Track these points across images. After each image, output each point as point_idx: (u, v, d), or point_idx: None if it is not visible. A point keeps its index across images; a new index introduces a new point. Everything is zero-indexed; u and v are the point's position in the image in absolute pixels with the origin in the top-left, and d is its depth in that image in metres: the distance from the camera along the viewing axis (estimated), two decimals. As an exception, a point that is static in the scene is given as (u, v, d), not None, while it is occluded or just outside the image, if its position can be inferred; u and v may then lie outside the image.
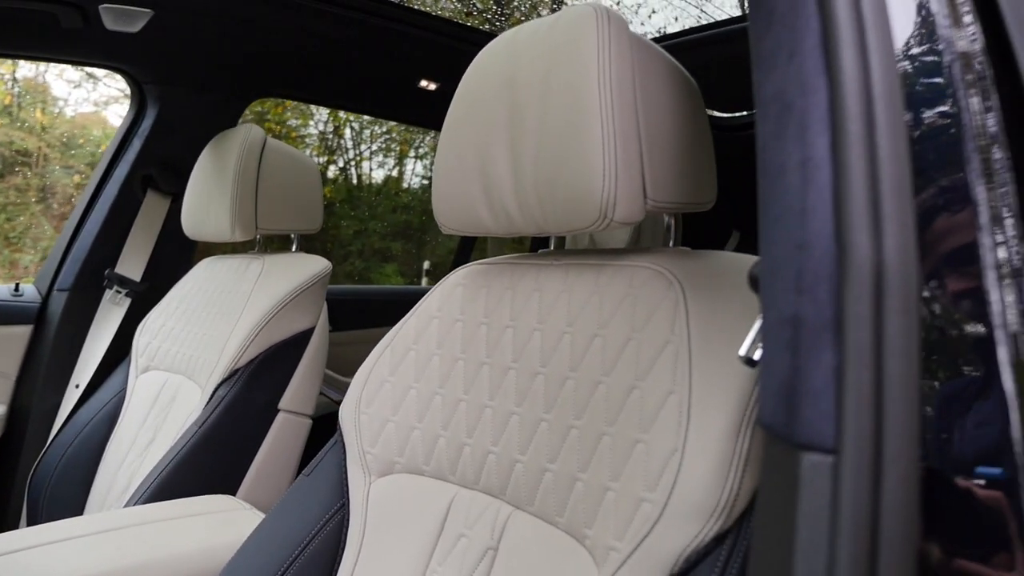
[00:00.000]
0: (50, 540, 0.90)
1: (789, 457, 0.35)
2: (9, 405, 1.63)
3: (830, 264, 0.35)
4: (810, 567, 0.32)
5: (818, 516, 0.32)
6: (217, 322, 1.34)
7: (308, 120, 7.78)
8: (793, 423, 0.35)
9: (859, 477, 0.32)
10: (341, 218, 7.60)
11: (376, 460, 0.83)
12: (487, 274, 0.83)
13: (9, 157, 6.68)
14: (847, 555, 0.31)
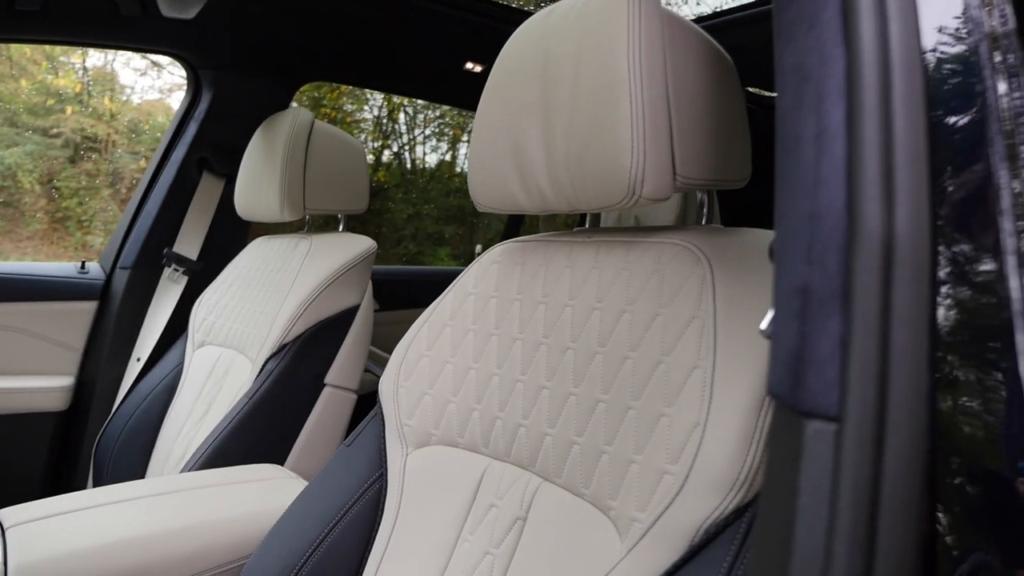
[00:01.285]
0: (112, 500, 0.96)
1: (794, 425, 0.35)
2: (77, 377, 1.72)
3: (840, 234, 0.35)
4: (809, 532, 0.33)
5: (819, 483, 0.33)
6: (267, 299, 1.39)
7: (363, 105, 7.88)
8: (798, 391, 0.35)
9: (861, 446, 0.32)
10: (395, 202, 7.69)
11: (413, 432, 0.85)
12: (522, 251, 0.85)
13: (80, 143, 6.94)
14: (846, 522, 0.32)
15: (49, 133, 6.82)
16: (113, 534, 0.86)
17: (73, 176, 6.83)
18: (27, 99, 6.96)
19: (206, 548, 0.88)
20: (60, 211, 6.72)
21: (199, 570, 0.87)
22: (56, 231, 6.54)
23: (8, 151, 6.48)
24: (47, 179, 6.74)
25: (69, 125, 6.88)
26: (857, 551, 0.31)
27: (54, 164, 6.82)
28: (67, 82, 7.39)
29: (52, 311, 1.70)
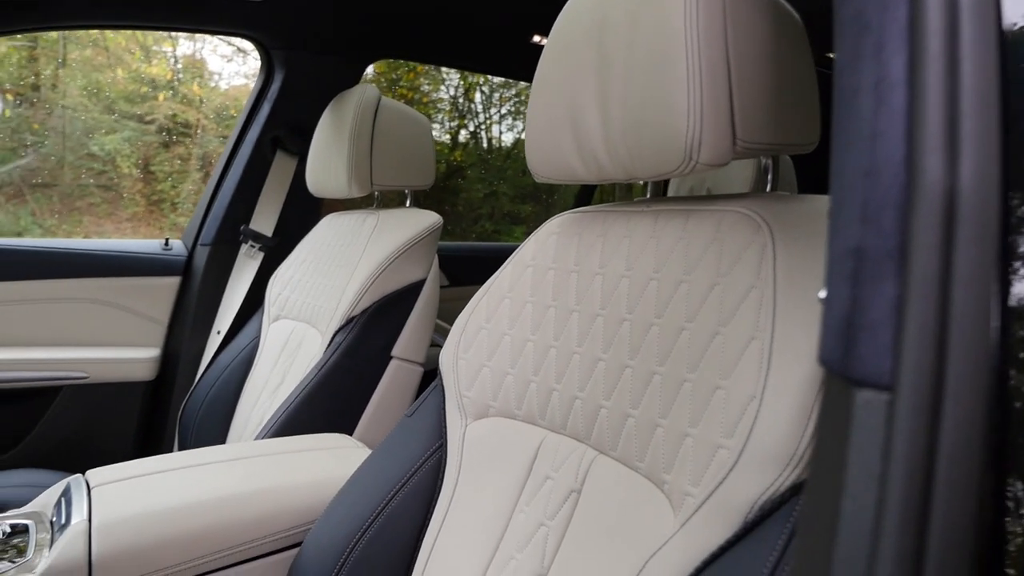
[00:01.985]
0: (189, 464, 1.00)
1: (844, 394, 0.33)
2: (163, 349, 1.81)
3: (898, 190, 0.33)
4: (857, 508, 0.31)
5: (869, 456, 0.31)
6: (336, 273, 1.42)
7: (439, 85, 7.92)
8: (849, 358, 0.33)
9: (915, 416, 0.30)
10: (471, 182, 7.73)
11: (472, 403, 0.86)
12: (580, 223, 0.83)
13: (173, 129, 7.25)
14: (897, 498, 0.30)
15: (144, 119, 7.14)
16: (188, 496, 0.90)
17: (166, 160, 7.14)
18: (123, 87, 7.30)
19: (274, 512, 0.91)
20: (155, 194, 7.04)
21: (267, 533, 0.89)
22: (152, 213, 6.86)
23: (108, 138, 6.83)
24: (143, 163, 7.07)
25: (162, 111, 7.18)
26: (908, 529, 0.29)
27: (149, 149, 7.15)
28: (159, 70, 7.70)
29: (140, 286, 1.79)
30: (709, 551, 0.54)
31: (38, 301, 1.68)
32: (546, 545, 0.69)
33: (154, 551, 0.83)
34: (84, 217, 6.82)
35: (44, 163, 6.84)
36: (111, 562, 0.80)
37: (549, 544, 0.69)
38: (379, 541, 0.83)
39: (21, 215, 6.39)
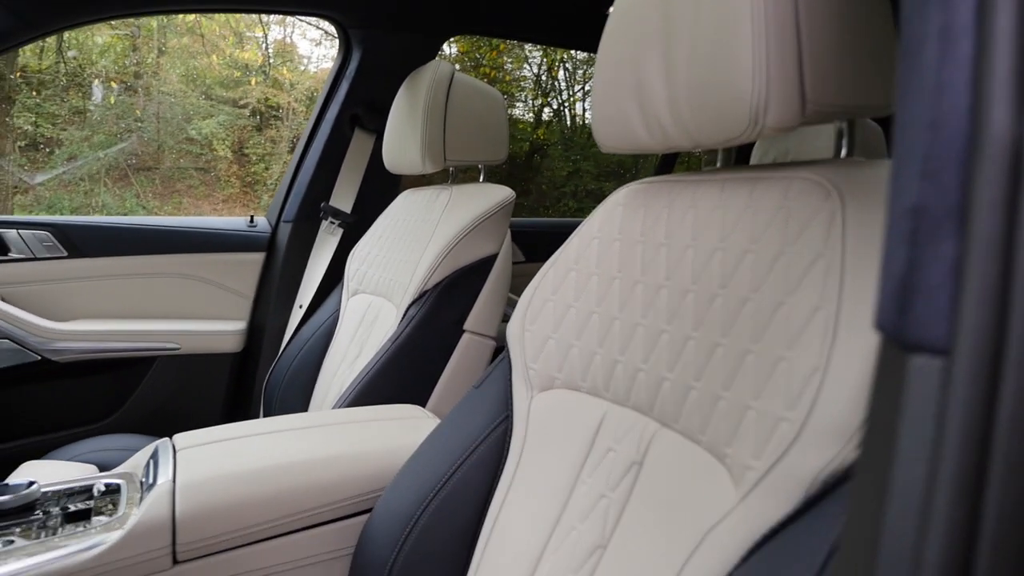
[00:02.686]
0: (268, 431, 1.04)
1: (898, 361, 0.31)
2: (248, 322, 1.89)
3: (961, 144, 0.31)
4: (907, 481, 0.29)
5: (921, 425, 0.29)
6: (411, 248, 1.44)
7: (522, 63, 7.91)
8: (904, 323, 0.31)
9: (972, 383, 0.28)
10: (555, 160, 7.71)
11: (538, 375, 0.86)
12: (646, 193, 0.82)
13: (265, 112, 7.52)
14: (951, 469, 0.28)
15: (238, 104, 7.43)
16: (266, 460, 0.94)
17: (259, 143, 7.42)
18: (218, 73, 7.60)
19: (346, 478, 0.94)
20: (249, 175, 7.34)
21: (339, 498, 0.93)
22: (246, 194, 7.16)
23: (204, 122, 7.14)
24: (238, 146, 7.37)
25: (254, 96, 7.45)
26: (961, 503, 0.28)
27: (243, 132, 7.43)
28: (251, 55, 7.97)
29: (227, 262, 1.87)
30: (769, 526, 0.52)
31: (135, 275, 1.78)
32: (607, 516, 0.69)
33: (233, 511, 0.87)
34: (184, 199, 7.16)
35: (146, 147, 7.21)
36: (193, 520, 0.85)
37: (610, 515, 0.69)
38: (445, 509, 0.84)
39: (127, 197, 6.75)
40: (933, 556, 0.28)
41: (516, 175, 8.00)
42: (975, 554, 0.28)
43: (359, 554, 0.89)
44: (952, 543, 0.28)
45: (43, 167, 6.39)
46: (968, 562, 0.28)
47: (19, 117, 6.35)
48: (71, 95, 6.84)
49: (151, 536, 0.83)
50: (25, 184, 6.23)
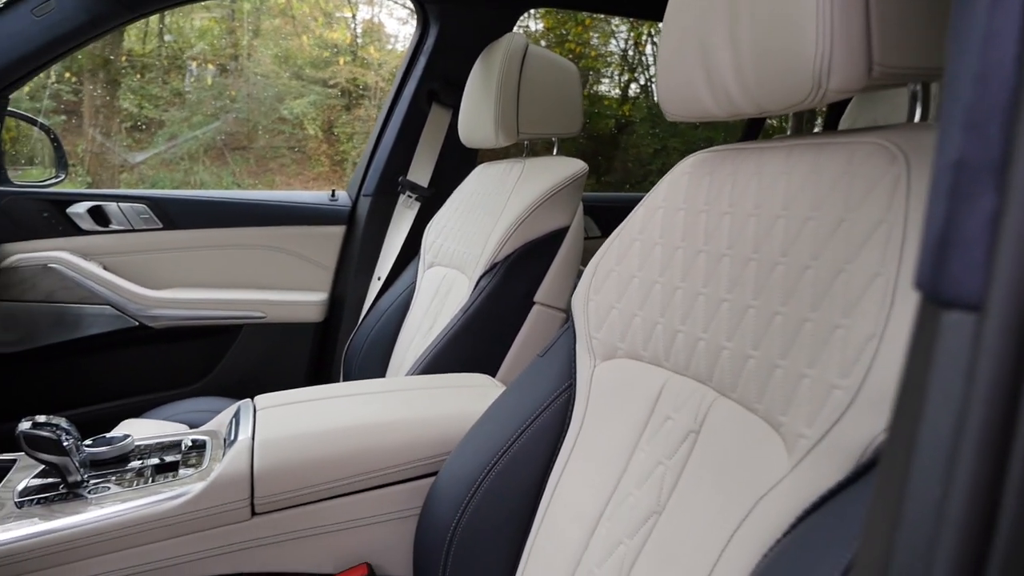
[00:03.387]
0: (344, 394, 1.09)
1: (932, 318, 0.31)
2: (330, 293, 1.96)
3: (1006, 94, 0.30)
4: (934, 434, 0.29)
5: (951, 380, 0.29)
6: (483, 221, 1.46)
7: (609, 39, 7.79)
8: (939, 279, 0.30)
9: (1003, 337, 0.28)
10: (641, 137, 7.59)
11: (601, 345, 0.86)
12: (712, 161, 0.80)
13: (353, 92, 7.69)
14: (977, 422, 0.28)
15: (327, 84, 7.62)
16: (339, 421, 0.98)
17: (348, 122, 7.60)
18: (308, 53, 7.81)
19: (414, 441, 0.97)
20: (338, 154, 7.54)
21: (406, 460, 0.96)
22: (335, 172, 7.36)
23: (296, 102, 7.36)
24: (327, 125, 7.57)
25: (343, 75, 7.63)
26: (986, 454, 0.27)
27: (332, 112, 7.63)
28: (339, 35, 8.15)
29: (310, 234, 1.94)
30: (819, 493, 0.52)
31: (224, 247, 1.88)
32: (663, 483, 0.70)
33: (307, 468, 0.92)
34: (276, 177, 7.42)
35: (241, 127, 7.49)
36: (269, 475, 0.90)
37: (666, 482, 0.69)
38: (507, 473, 0.86)
39: (223, 175, 7.05)
40: (956, 510, 0.28)
41: (601, 152, 7.91)
42: (999, 508, 0.27)
43: (425, 515, 0.92)
44: (976, 497, 0.27)
45: (147, 147, 6.73)
46: (991, 516, 0.27)
47: (124, 99, 6.70)
48: (172, 77, 7.18)
49: (231, 488, 0.88)
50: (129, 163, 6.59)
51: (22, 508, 0.87)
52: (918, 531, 0.29)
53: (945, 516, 0.28)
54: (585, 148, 7.61)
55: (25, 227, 1.72)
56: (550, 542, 0.80)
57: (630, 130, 7.80)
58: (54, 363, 1.76)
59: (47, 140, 1.93)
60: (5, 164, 1.74)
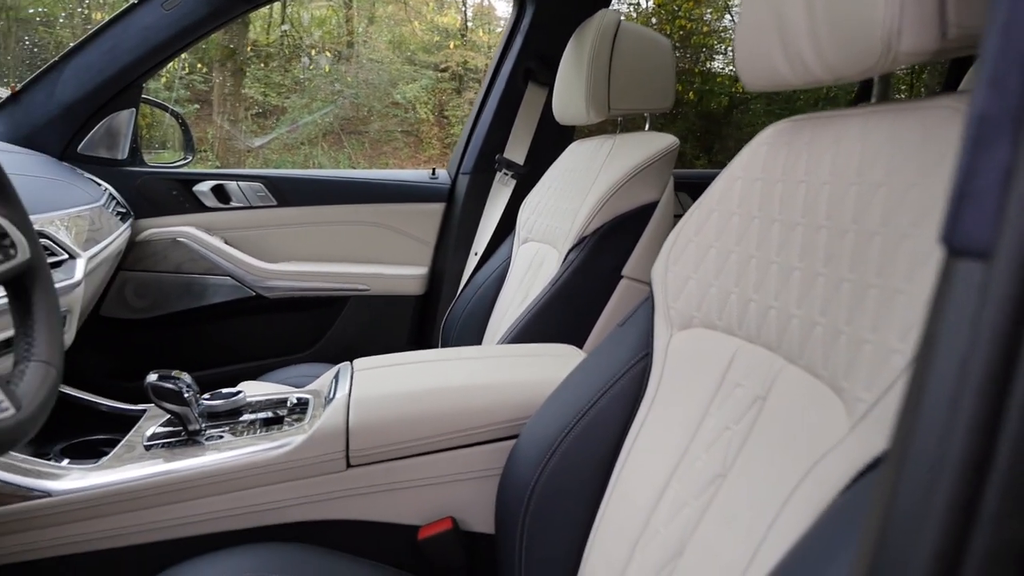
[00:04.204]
0: (437, 359, 1.16)
1: (947, 268, 0.31)
2: (430, 267, 2.04)
3: None
4: (940, 378, 0.30)
5: (958, 326, 0.30)
6: (573, 196, 1.48)
7: (723, 14, 7.55)
8: (955, 230, 0.31)
9: (1009, 284, 0.28)
10: (757, 114, 7.35)
11: (678, 314, 0.88)
12: (791, 131, 0.80)
13: (463, 75, 7.82)
14: (979, 365, 0.29)
15: (439, 68, 7.78)
16: (429, 383, 1.04)
17: (458, 105, 7.75)
18: (420, 38, 7.99)
19: (498, 404, 1.01)
20: (448, 137, 7.70)
21: (490, 422, 1.00)
22: (445, 155, 7.53)
23: (408, 86, 7.56)
24: (438, 109, 7.75)
25: (454, 59, 7.77)
26: (987, 394, 0.28)
27: (443, 95, 7.80)
28: (450, 20, 8.29)
29: (411, 211, 2.02)
30: (873, 455, 0.52)
31: (332, 223, 1.99)
32: (729, 447, 0.71)
33: (398, 425, 0.98)
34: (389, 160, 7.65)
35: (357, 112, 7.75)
36: (363, 430, 0.97)
37: (732, 446, 0.70)
38: (584, 437, 0.89)
39: (340, 159, 7.34)
40: (955, 453, 0.29)
41: (712, 130, 7.70)
42: (995, 449, 0.28)
43: (506, 474, 0.96)
44: (977, 429, 0.28)
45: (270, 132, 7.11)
46: (989, 456, 0.28)
47: (250, 87, 7.09)
48: (292, 65, 7.52)
49: (329, 441, 0.96)
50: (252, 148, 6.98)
51: (149, 451, 0.97)
52: (921, 466, 0.30)
53: (946, 458, 0.29)
54: (696, 126, 7.44)
55: (157, 204, 1.89)
56: (622, 503, 0.83)
57: (744, 107, 7.55)
58: (180, 328, 1.93)
59: (177, 125, 2.09)
60: (141, 148, 1.91)
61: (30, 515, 0.88)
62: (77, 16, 6.66)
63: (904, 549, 0.29)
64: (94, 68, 1.69)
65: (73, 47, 1.69)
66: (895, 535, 0.30)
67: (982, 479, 0.28)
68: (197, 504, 0.93)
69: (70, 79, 1.69)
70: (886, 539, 0.30)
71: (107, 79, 1.70)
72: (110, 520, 0.91)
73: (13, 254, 0.72)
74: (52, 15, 6.62)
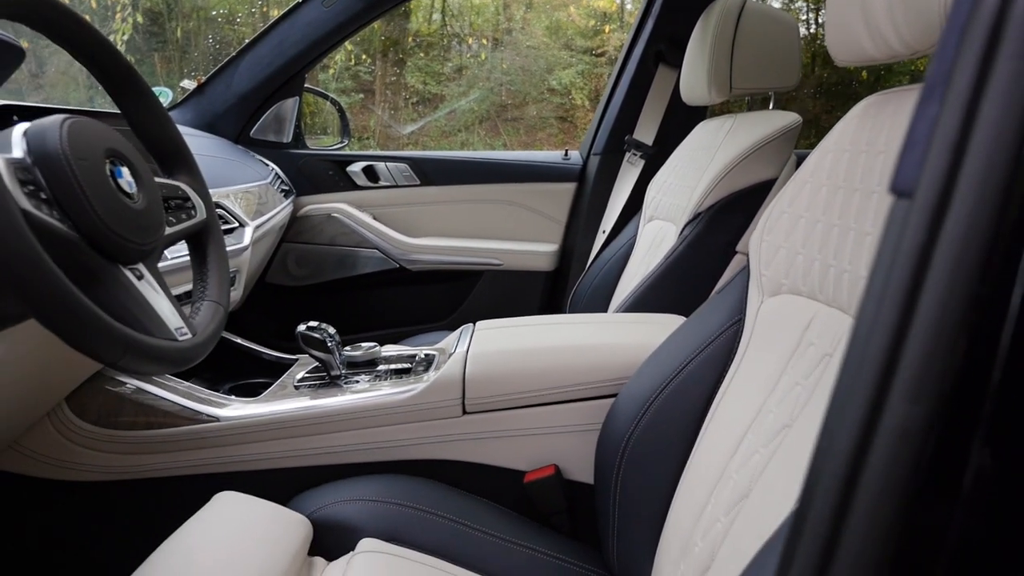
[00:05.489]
0: (551, 323, 1.26)
1: (890, 207, 0.37)
2: (560, 245, 2.13)
3: (964, 16, 0.35)
4: (869, 302, 0.36)
5: (887, 254, 0.35)
6: (692, 173, 1.52)
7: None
8: (896, 174, 0.37)
9: (922, 214, 0.34)
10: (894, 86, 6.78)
11: (769, 281, 0.92)
12: (879, 103, 0.82)
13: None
14: (895, 285, 0.34)
15: (594, 52, 7.81)
16: (539, 342, 1.14)
17: (612, 89, 7.74)
18: (577, 24, 8.05)
19: (600, 364, 1.10)
20: (603, 123, 7.72)
21: (593, 380, 1.09)
22: (599, 141, 7.56)
23: (564, 72, 7.65)
24: (594, 95, 7.78)
25: (611, 43, 7.76)
26: (898, 309, 0.34)
27: (599, 80, 7.82)
28: (607, 3, 8.28)
29: (544, 191, 2.13)
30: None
31: (470, 201, 2.13)
32: (797, 401, 0.75)
33: (508, 378, 1.09)
34: (544, 147, 7.79)
35: (513, 99, 7.94)
36: (477, 381, 1.08)
37: (800, 400, 0.75)
38: (676, 395, 0.96)
39: (495, 144, 7.56)
40: (875, 350, 0.35)
41: (842, 110, 7.16)
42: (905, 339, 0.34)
43: (604, 428, 1.05)
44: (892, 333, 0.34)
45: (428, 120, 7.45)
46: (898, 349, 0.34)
47: (411, 76, 7.46)
48: (452, 54, 7.82)
49: (447, 389, 1.08)
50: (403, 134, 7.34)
51: (298, 390, 1.14)
52: (855, 354, 0.36)
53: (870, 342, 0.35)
54: (833, 106, 7.01)
55: (315, 183, 2.11)
56: (707, 454, 0.89)
57: (884, 85, 7.02)
58: (333, 296, 2.15)
59: (336, 112, 2.32)
60: (303, 133, 2.14)
61: (200, 435, 1.06)
62: (258, 12, 7.30)
63: (836, 423, 0.35)
64: (264, 61, 1.92)
65: (247, 43, 1.94)
66: (831, 413, 0.36)
67: (893, 367, 0.34)
68: (333, 437, 1.08)
69: (245, 72, 1.93)
70: (827, 416, 0.36)
71: (275, 71, 1.93)
72: (263, 445, 1.08)
73: (194, 215, 0.89)
74: (234, 13, 7.30)
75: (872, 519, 0.33)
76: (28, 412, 0.99)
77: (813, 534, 0.35)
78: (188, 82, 2.01)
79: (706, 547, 0.80)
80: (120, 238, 0.70)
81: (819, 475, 0.36)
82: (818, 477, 0.36)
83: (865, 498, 0.34)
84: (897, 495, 0.33)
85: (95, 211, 0.67)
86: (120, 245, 0.71)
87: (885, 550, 0.33)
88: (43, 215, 0.63)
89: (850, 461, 0.35)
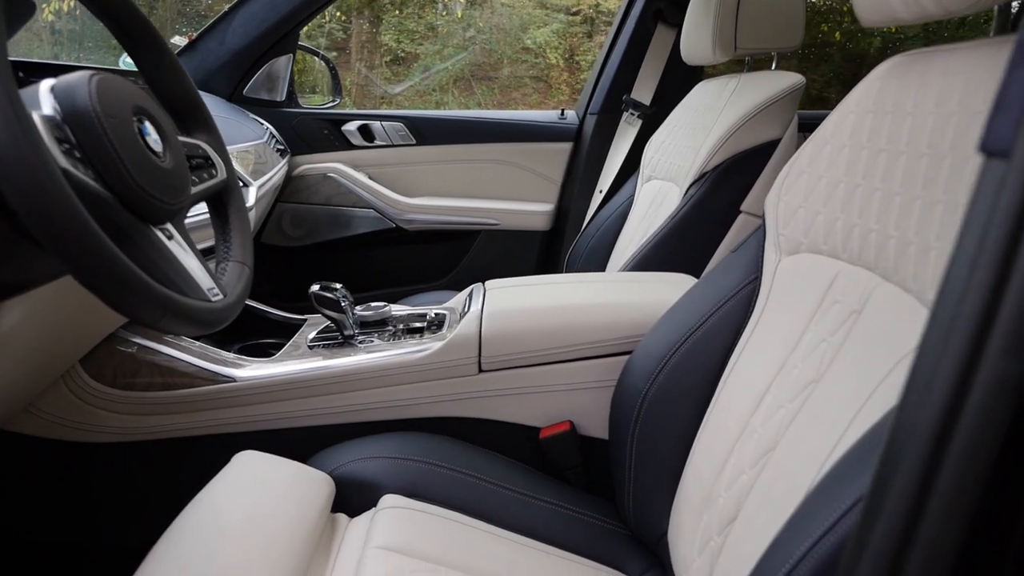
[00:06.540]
0: (561, 282, 1.27)
1: (981, 167, 0.38)
2: (556, 204, 2.14)
3: None
4: (965, 250, 0.37)
5: (979, 215, 0.36)
6: (696, 133, 1.53)
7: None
8: (988, 134, 0.38)
9: (1019, 174, 0.35)
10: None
11: (787, 240, 0.93)
12: (904, 65, 0.83)
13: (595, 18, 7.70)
14: (991, 246, 0.35)
15: (570, 11, 7.70)
16: (553, 300, 1.15)
17: (589, 50, 7.67)
18: (554, -19, 7.91)
19: (614, 322, 1.11)
20: (579, 82, 7.66)
21: (607, 338, 1.10)
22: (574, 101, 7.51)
23: (539, 31, 7.54)
24: (569, 54, 7.69)
25: (586, 2, 7.66)
26: (997, 263, 0.35)
27: (574, 40, 7.73)
28: (583, -41, 8.14)
29: (539, 150, 2.12)
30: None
31: (465, 161, 2.12)
32: (823, 357, 0.77)
33: (524, 336, 1.10)
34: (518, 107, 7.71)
35: (487, 58, 7.83)
36: (492, 339, 1.09)
37: (826, 356, 0.77)
38: (692, 352, 0.98)
39: (470, 104, 7.47)
40: (969, 309, 0.36)
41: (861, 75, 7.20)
42: (999, 305, 0.35)
43: (620, 384, 1.06)
44: (987, 295, 0.35)
45: (403, 79, 7.33)
46: (994, 309, 0.35)
47: (385, 34, 7.31)
48: (426, 12, 7.67)
49: (463, 348, 1.09)
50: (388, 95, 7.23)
51: (312, 350, 1.14)
52: (944, 315, 0.37)
53: (961, 313, 0.36)
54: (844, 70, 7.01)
55: (310, 142, 2.09)
56: (725, 410, 0.91)
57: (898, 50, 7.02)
58: (329, 256, 2.14)
59: (326, 70, 2.27)
60: (296, 91, 2.10)
61: (218, 396, 1.06)
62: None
63: (928, 378, 0.36)
64: (258, 17, 1.88)
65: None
66: (921, 369, 0.37)
67: (989, 325, 0.35)
68: (350, 396, 1.09)
69: (238, 28, 1.88)
70: (916, 371, 0.37)
71: (269, 27, 1.89)
72: (280, 404, 1.08)
73: (215, 174, 0.88)
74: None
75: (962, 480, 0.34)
76: (43, 374, 0.98)
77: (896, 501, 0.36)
78: (179, 38, 1.95)
79: (731, 498, 0.82)
80: (152, 197, 0.69)
81: (907, 436, 0.37)
82: (905, 441, 0.37)
83: (957, 452, 0.35)
84: (983, 462, 0.34)
85: (128, 170, 0.66)
86: (152, 205, 0.70)
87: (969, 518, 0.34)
88: (80, 174, 0.62)
89: (944, 414, 0.36)
